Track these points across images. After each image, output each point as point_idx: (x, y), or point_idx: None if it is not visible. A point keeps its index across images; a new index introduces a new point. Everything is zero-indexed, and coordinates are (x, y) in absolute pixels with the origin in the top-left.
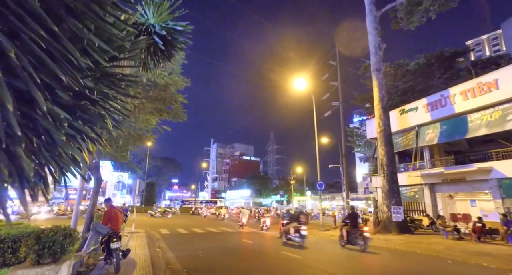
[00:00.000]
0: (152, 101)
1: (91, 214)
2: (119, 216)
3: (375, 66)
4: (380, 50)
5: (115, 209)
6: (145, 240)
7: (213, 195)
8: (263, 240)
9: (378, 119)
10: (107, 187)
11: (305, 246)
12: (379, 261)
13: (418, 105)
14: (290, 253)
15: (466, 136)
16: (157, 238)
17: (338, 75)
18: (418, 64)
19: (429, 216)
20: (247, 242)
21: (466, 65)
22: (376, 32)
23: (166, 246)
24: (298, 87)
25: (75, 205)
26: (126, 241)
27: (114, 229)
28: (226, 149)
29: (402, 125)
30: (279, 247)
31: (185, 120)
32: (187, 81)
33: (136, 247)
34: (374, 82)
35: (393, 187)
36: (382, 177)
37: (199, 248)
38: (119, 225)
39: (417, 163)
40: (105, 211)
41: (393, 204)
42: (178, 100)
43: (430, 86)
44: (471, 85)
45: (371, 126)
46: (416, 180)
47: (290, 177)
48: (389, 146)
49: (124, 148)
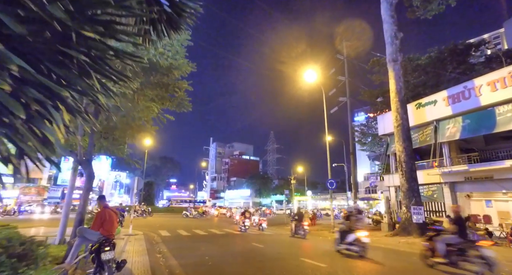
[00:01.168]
0: (154, 87)
1: (81, 216)
2: (114, 219)
3: (391, 56)
4: (396, 39)
5: (109, 210)
6: (144, 244)
7: (212, 195)
8: (274, 243)
9: (395, 113)
10: (105, 186)
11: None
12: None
13: (437, 98)
14: (310, 259)
15: (494, 131)
16: (157, 241)
17: (345, 69)
18: (430, 57)
19: (451, 217)
20: (257, 247)
21: (490, 55)
22: (392, 20)
23: (167, 251)
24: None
25: (64, 206)
26: (122, 245)
27: (107, 235)
28: (225, 148)
29: (418, 120)
30: (294, 250)
31: (190, 110)
32: (192, 65)
33: (133, 253)
34: (390, 73)
35: (413, 186)
36: (400, 175)
37: (206, 253)
38: (114, 229)
39: (437, 160)
40: (97, 213)
41: (412, 204)
42: (183, 87)
43: (441, 82)
44: (501, 74)
45: (383, 121)
46: (435, 178)
47: (291, 176)
48: (407, 142)
49: (122, 141)
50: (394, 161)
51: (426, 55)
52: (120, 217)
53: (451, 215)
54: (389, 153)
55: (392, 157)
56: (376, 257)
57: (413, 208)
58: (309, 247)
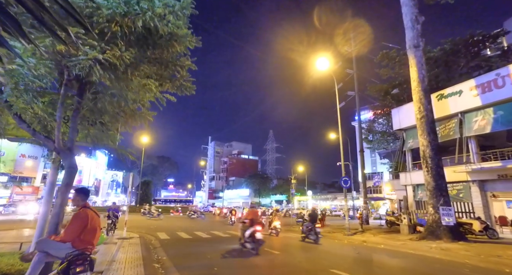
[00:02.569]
0: (152, 64)
1: (58, 218)
2: (96, 225)
3: (412, 42)
4: (418, 23)
5: (91, 211)
6: (140, 250)
7: (210, 195)
8: (288, 248)
9: (418, 104)
10: (101, 185)
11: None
12: None
13: (463, 88)
14: (342, 271)
15: None
16: (154, 246)
17: (353, 62)
18: (443, 50)
19: (481, 219)
20: (272, 253)
21: (508, 47)
22: (413, 2)
23: (167, 260)
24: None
25: (42, 206)
26: (113, 251)
27: (83, 248)
28: (223, 148)
29: (440, 113)
30: (315, 258)
31: (193, 93)
32: (197, 39)
33: (126, 263)
34: (412, 61)
35: (441, 184)
36: (426, 171)
37: (213, 263)
38: (95, 239)
39: (464, 155)
40: (74, 215)
41: (441, 204)
42: (185, 64)
43: (452, 76)
44: None
45: (398, 115)
46: (460, 176)
47: (290, 176)
48: (433, 135)
49: (113, 126)
50: (411, 158)
51: (439, 48)
52: (114, 218)
53: (481, 216)
54: (406, 149)
55: (408, 154)
56: (419, 268)
57: (442, 209)
58: (330, 254)
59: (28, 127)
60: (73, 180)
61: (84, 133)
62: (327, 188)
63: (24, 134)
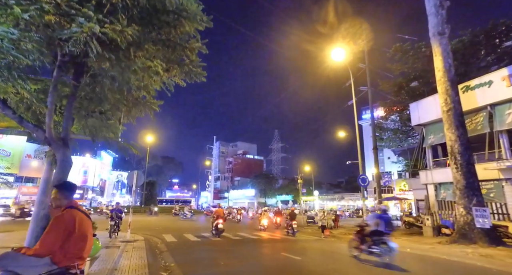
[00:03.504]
0: (158, 46)
1: (48, 221)
2: (86, 229)
3: (436, 29)
4: (442, 9)
5: (80, 211)
6: (145, 255)
7: (216, 195)
8: (308, 252)
9: (444, 95)
10: (106, 186)
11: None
12: None
13: (493, 78)
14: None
15: None
16: (161, 250)
17: (365, 55)
18: (461, 41)
19: None
20: (293, 259)
21: None
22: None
23: (176, 267)
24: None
25: (35, 206)
26: (115, 257)
27: (69, 263)
28: (228, 148)
29: (465, 106)
30: (342, 267)
31: (204, 80)
32: (208, 19)
33: (129, 272)
34: (436, 49)
35: (472, 182)
36: (455, 169)
37: (229, 271)
38: (87, 251)
39: (496, 151)
40: (56, 218)
41: (473, 205)
42: (195, 47)
43: (470, 70)
44: None
45: (418, 110)
46: (491, 174)
47: (297, 176)
48: (461, 129)
49: (114, 116)
50: (431, 155)
51: (457, 40)
52: (117, 219)
53: None
54: (426, 146)
55: (428, 151)
56: None
57: (476, 210)
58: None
59: (13, 113)
60: (67, 176)
61: (82, 123)
62: (333, 188)
63: (11, 124)
